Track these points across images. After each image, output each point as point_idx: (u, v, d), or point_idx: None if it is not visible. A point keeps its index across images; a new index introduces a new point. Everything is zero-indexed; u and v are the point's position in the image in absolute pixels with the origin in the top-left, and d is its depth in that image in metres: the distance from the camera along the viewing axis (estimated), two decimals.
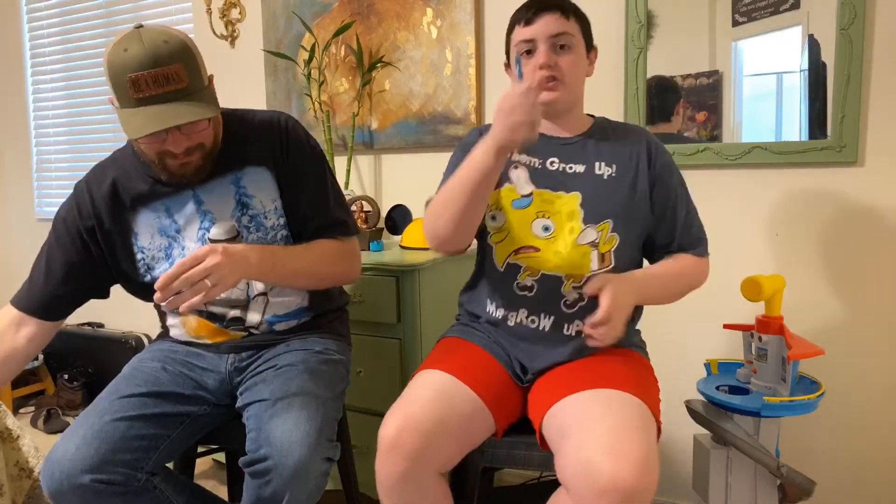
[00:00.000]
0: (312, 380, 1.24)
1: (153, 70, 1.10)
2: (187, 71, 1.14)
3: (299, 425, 1.13)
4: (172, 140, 1.17)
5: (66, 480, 1.11)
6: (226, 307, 1.34)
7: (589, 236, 1.22)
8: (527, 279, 1.23)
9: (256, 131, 1.34)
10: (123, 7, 2.81)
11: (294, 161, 1.34)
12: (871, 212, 1.64)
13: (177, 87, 1.13)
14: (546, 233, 1.22)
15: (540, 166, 1.27)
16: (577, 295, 1.22)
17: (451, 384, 1.16)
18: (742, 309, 1.76)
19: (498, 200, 1.26)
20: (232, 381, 1.33)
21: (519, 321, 1.25)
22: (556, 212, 1.23)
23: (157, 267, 1.33)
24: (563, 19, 1.22)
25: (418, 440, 1.06)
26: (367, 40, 2.22)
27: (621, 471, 0.94)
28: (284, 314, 1.36)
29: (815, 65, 1.64)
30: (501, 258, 1.26)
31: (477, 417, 1.15)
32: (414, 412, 1.09)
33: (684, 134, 1.79)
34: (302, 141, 1.36)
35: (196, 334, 1.36)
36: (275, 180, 1.33)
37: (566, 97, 1.25)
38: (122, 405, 1.20)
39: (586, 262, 1.22)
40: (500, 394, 1.20)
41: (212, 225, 1.31)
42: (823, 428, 1.73)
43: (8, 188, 3.29)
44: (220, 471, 2.21)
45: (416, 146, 2.19)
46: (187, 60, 1.14)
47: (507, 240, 1.25)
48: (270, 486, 1.10)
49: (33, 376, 2.92)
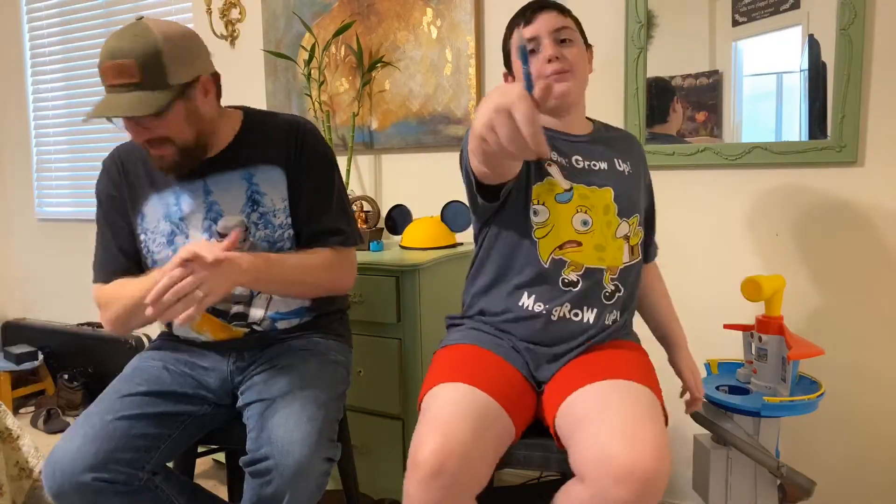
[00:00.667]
0: (313, 380, 1.24)
1: (112, 62, 1.16)
2: (141, 68, 1.16)
3: (300, 425, 1.13)
4: (132, 131, 1.22)
5: (68, 479, 1.11)
6: (229, 302, 1.34)
7: (623, 230, 1.27)
8: (571, 274, 1.24)
9: (275, 132, 1.36)
10: (123, 7, 2.81)
11: (304, 164, 1.35)
12: (871, 212, 1.64)
13: (129, 81, 1.16)
14: (585, 227, 1.24)
15: (567, 164, 1.28)
16: (614, 286, 1.26)
17: (480, 399, 1.10)
18: (742, 309, 1.76)
19: (539, 195, 1.25)
20: (233, 380, 1.34)
21: (562, 315, 1.24)
22: (592, 206, 1.25)
23: (159, 252, 1.33)
24: (562, 16, 1.26)
25: (459, 464, 0.99)
26: (367, 40, 2.22)
27: (638, 456, 0.94)
28: (287, 311, 1.37)
29: (815, 65, 1.64)
30: (546, 253, 1.24)
31: (504, 428, 1.12)
32: (452, 434, 1.00)
33: (684, 134, 1.79)
34: (316, 146, 1.37)
35: (200, 330, 1.36)
36: (286, 180, 1.34)
37: (577, 89, 1.27)
38: (123, 404, 1.20)
39: (621, 255, 1.27)
40: (517, 399, 1.19)
41: (218, 217, 1.32)
42: (823, 428, 1.73)
43: (8, 188, 3.29)
44: (220, 471, 2.21)
45: (416, 146, 2.19)
46: (146, 58, 1.16)
47: (552, 234, 1.24)
48: (271, 486, 1.10)
49: (33, 376, 2.92)
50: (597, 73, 1.86)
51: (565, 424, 1.09)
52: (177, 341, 1.40)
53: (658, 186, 1.82)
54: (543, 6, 1.26)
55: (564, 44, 1.25)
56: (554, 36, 1.24)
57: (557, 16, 1.26)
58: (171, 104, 1.19)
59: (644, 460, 0.94)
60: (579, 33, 1.29)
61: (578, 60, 1.26)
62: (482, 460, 1.04)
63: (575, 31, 1.27)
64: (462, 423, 1.03)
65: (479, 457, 1.03)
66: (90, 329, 2.91)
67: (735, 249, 1.78)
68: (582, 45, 1.29)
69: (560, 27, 1.24)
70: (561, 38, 1.25)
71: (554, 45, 1.24)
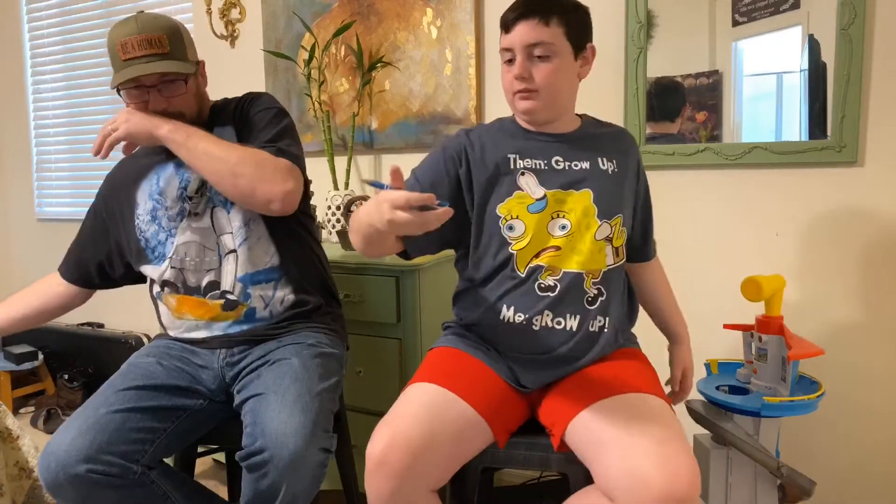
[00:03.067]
0: (306, 372, 1.24)
1: (139, 35, 1.26)
2: (170, 40, 1.29)
3: (294, 416, 1.13)
4: (153, 100, 1.30)
5: (62, 471, 1.12)
6: (200, 272, 1.36)
7: (605, 231, 1.23)
8: (548, 279, 1.22)
9: (229, 105, 1.45)
10: (123, 7, 2.81)
11: (251, 113, 1.41)
12: (871, 212, 1.64)
13: (160, 51, 1.28)
14: (563, 231, 1.22)
15: (546, 167, 1.25)
16: (596, 290, 1.23)
17: (441, 398, 1.14)
18: (742, 309, 1.76)
19: (511, 210, 1.24)
20: (225, 376, 1.34)
21: (544, 324, 1.22)
22: (570, 210, 1.22)
23: (147, 229, 1.41)
24: (542, 26, 1.16)
25: (406, 458, 1.04)
26: (367, 40, 2.22)
27: (674, 480, 0.95)
28: (255, 271, 1.37)
29: (815, 65, 1.64)
30: (523, 264, 1.23)
31: (471, 430, 1.14)
32: (401, 429, 1.06)
33: (684, 134, 1.79)
34: (262, 101, 1.43)
35: (179, 313, 1.38)
36: (235, 134, 1.40)
37: (544, 107, 1.21)
38: (118, 398, 1.22)
39: (602, 258, 1.23)
40: (498, 403, 1.19)
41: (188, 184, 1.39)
42: (823, 428, 1.73)
43: (8, 188, 3.29)
44: (220, 471, 2.21)
45: (416, 146, 2.19)
46: (172, 34, 1.30)
47: (530, 245, 1.23)
48: (267, 479, 1.10)
49: (33, 376, 2.92)
50: (597, 73, 1.86)
51: (583, 441, 1.09)
52: (172, 340, 1.42)
53: (658, 186, 1.82)
54: (524, 13, 1.17)
55: (539, 60, 1.18)
56: (527, 51, 1.17)
57: (536, 26, 1.16)
58: (194, 75, 1.35)
59: (680, 485, 0.95)
60: (567, 39, 1.19)
61: (548, 79, 1.18)
62: (436, 455, 1.08)
63: (553, 44, 1.17)
64: (414, 419, 1.08)
65: (432, 451, 1.07)
66: (90, 329, 2.92)
67: (735, 249, 1.78)
68: (565, 56, 1.19)
69: (534, 42, 1.16)
70: (536, 53, 1.17)
71: (523, 63, 1.17)
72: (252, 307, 1.37)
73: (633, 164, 1.32)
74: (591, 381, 1.16)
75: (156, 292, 1.42)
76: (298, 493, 1.12)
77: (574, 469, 1.17)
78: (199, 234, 1.37)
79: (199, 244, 1.37)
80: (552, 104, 1.22)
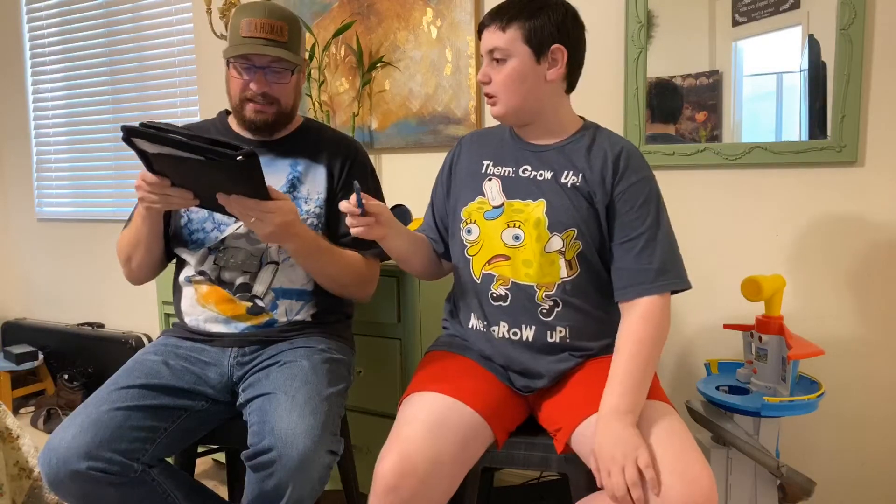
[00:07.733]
0: (316, 375, 1.25)
1: (265, 18, 1.34)
2: (289, 32, 1.37)
3: (304, 417, 1.13)
4: (257, 80, 1.36)
5: (63, 467, 1.12)
6: (236, 271, 1.38)
7: (556, 244, 1.21)
8: (500, 288, 1.23)
9: (328, 139, 1.50)
10: (123, 7, 2.80)
11: (353, 174, 1.45)
12: (871, 212, 1.64)
13: (277, 38, 1.35)
14: (516, 241, 1.22)
15: (513, 175, 1.26)
16: (551, 302, 1.21)
17: (443, 405, 1.14)
18: (742, 309, 1.76)
19: (471, 214, 1.27)
20: (233, 376, 1.34)
21: (502, 335, 1.24)
22: (524, 220, 1.22)
23: (195, 219, 1.41)
24: (499, 32, 1.18)
25: (414, 485, 1.04)
26: (367, 40, 2.22)
27: (694, 491, 0.96)
28: (290, 288, 1.40)
29: (815, 65, 1.64)
30: (478, 269, 1.26)
31: (474, 436, 1.14)
32: (409, 452, 1.06)
33: (684, 134, 1.79)
34: (365, 162, 1.51)
35: (205, 301, 1.39)
36: (326, 180, 1.45)
37: (507, 111, 1.22)
38: (119, 396, 1.22)
39: (555, 270, 1.21)
40: (497, 404, 1.20)
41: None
42: (824, 428, 1.73)
43: (8, 188, 3.29)
44: (220, 471, 2.21)
45: (416, 146, 2.19)
46: (293, 27, 1.38)
47: (483, 251, 1.25)
48: (273, 479, 1.10)
49: (33, 376, 2.92)
50: (597, 73, 1.86)
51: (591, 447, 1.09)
52: (180, 338, 1.41)
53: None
54: (486, 21, 1.21)
55: (498, 64, 1.20)
56: (489, 57, 1.21)
57: (494, 32, 1.19)
58: (300, 69, 1.42)
59: (700, 496, 0.96)
60: (525, 43, 1.17)
61: (504, 82, 1.19)
62: (443, 475, 1.08)
63: (508, 49, 1.17)
64: (421, 443, 1.07)
65: (439, 472, 1.07)
66: (90, 329, 2.91)
67: (735, 249, 1.78)
68: (523, 59, 1.18)
69: (492, 48, 1.19)
70: (495, 58, 1.20)
71: (486, 67, 1.22)
72: (275, 318, 1.39)
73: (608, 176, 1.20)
74: (595, 385, 1.15)
75: (185, 276, 1.42)
76: (304, 495, 1.12)
77: (574, 469, 1.18)
78: (247, 238, 1.39)
79: (245, 247, 1.40)
80: (516, 108, 1.22)
